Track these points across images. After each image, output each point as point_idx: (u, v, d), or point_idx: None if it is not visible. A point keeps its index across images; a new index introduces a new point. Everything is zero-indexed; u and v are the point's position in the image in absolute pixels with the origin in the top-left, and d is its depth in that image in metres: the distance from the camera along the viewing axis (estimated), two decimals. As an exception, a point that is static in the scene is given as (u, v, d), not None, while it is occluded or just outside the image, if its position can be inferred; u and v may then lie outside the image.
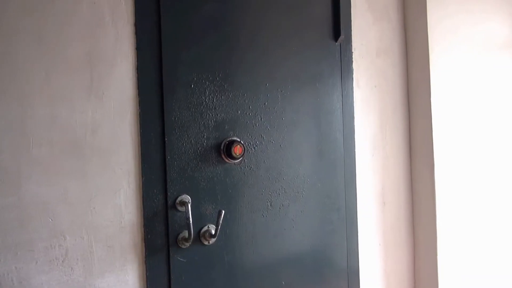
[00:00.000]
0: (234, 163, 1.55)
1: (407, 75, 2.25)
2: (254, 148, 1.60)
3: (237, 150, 1.50)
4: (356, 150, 1.98)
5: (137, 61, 1.34)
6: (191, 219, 1.38)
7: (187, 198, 1.43)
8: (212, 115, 1.50)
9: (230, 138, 1.53)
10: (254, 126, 1.61)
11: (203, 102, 1.48)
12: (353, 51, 1.98)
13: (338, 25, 1.89)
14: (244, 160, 1.57)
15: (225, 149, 1.50)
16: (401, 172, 2.24)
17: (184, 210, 1.41)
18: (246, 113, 1.58)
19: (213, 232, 1.45)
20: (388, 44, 2.18)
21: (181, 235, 1.42)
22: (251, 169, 1.59)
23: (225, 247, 1.53)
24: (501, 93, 2.53)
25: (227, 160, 1.52)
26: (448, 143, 2.23)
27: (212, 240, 1.48)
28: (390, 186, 2.18)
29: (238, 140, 1.54)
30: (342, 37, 1.91)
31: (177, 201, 1.41)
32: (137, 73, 1.34)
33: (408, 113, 2.27)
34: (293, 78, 1.74)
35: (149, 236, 1.37)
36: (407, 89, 2.26)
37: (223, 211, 1.44)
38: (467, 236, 2.33)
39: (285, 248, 1.71)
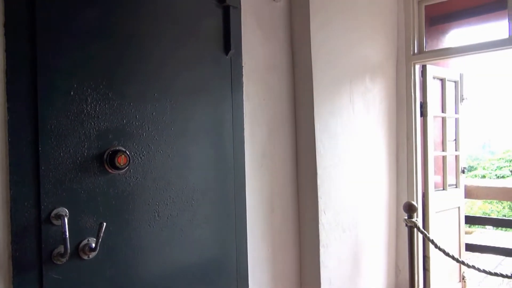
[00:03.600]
0: (119, 174, 1.51)
1: (293, 89, 2.42)
2: (140, 158, 1.58)
3: (121, 160, 1.47)
4: (246, 159, 2.06)
5: (6, 64, 1.24)
6: (67, 233, 1.31)
7: (63, 211, 1.35)
8: (95, 124, 1.45)
9: (114, 148, 1.49)
10: (141, 136, 1.59)
11: (84, 111, 1.42)
12: (243, 65, 2.07)
13: (228, 40, 1.96)
14: (130, 170, 1.54)
15: (108, 159, 1.46)
16: (288, 179, 2.39)
17: (60, 223, 1.33)
18: (132, 123, 1.56)
19: (93, 245, 1.39)
20: (276, 61, 2.32)
21: (56, 251, 1.33)
22: (137, 179, 1.57)
23: (107, 261, 1.47)
24: (373, 109, 2.86)
25: (110, 171, 1.47)
26: (329, 152, 2.44)
27: (93, 254, 1.41)
28: (278, 193, 2.31)
29: (123, 149, 1.50)
30: (232, 51, 1.99)
31: (53, 214, 1.33)
32: (6, 77, 1.24)
33: (295, 124, 2.43)
34: (183, 89, 1.76)
35: (17, 254, 1.26)
36: (294, 102, 2.43)
37: (105, 224, 1.39)
38: (346, 238, 2.57)
39: (174, 258, 1.71)
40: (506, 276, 2.42)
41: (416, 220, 2.74)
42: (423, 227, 3.14)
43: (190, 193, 1.77)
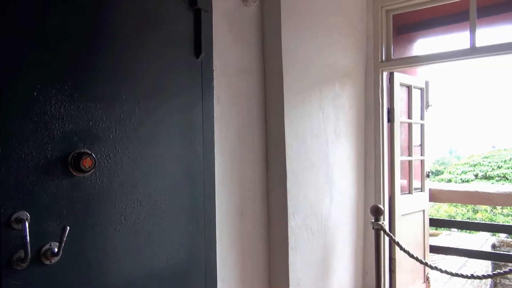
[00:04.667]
0: (84, 176, 1.48)
1: (264, 93, 2.45)
2: (107, 160, 1.56)
3: (86, 162, 1.44)
4: (215, 163, 2.07)
5: (-35, 63, 1.20)
6: (28, 238, 1.27)
7: (24, 214, 1.31)
8: (59, 125, 1.41)
9: (79, 150, 1.46)
10: (108, 138, 1.56)
11: (48, 112, 1.38)
12: (214, 68, 2.07)
13: (199, 43, 1.97)
14: (96, 173, 1.52)
15: (73, 162, 1.43)
16: (258, 183, 2.41)
17: (21, 228, 1.29)
18: (99, 125, 1.53)
19: (55, 250, 1.36)
20: (247, 65, 2.34)
21: (16, 256, 1.29)
22: (103, 182, 1.54)
23: (70, 266, 1.44)
24: (342, 114, 2.92)
25: (75, 173, 1.45)
26: (298, 156, 2.48)
27: (55, 259, 1.38)
28: (248, 196, 2.33)
29: (88, 152, 1.48)
30: (203, 54, 1.99)
31: (13, 218, 1.29)
32: (-36, 76, 1.20)
33: (265, 128, 2.46)
34: (152, 92, 1.74)
35: (-27, 260, 1.21)
36: (265, 106, 2.45)
37: (68, 227, 1.36)
38: (315, 241, 2.61)
39: (141, 263, 1.68)
40: (466, 277, 2.52)
41: (383, 223, 2.81)
42: (390, 229, 3.23)
43: (158, 196, 1.75)
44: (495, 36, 2.98)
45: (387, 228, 2.99)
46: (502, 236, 9.37)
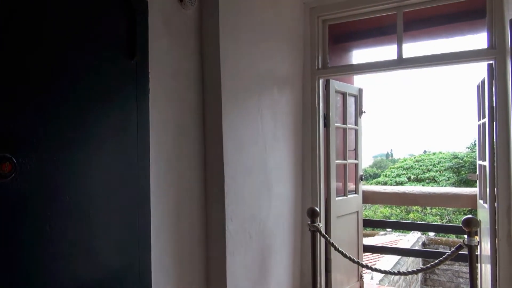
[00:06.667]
0: (4, 182, 1.39)
1: (203, 98, 2.45)
2: (30, 165, 1.47)
3: (5, 167, 1.36)
4: (151, 168, 2.03)
5: None
6: None
7: None
8: (-26, 128, 1.32)
9: (-2, 154, 1.37)
10: (32, 142, 1.48)
11: (-39, 113, 1.29)
12: (150, 71, 2.04)
13: (134, 45, 1.93)
14: (17, 179, 1.43)
15: (-9, 167, 1.34)
16: (196, 187, 2.39)
17: None
18: (22, 128, 1.45)
19: (-32, 262, 1.26)
20: (185, 68, 2.33)
21: None
22: (26, 188, 1.45)
23: (-14, 279, 1.34)
24: (281, 119, 2.99)
25: (-7, 179, 1.35)
26: (237, 160, 2.50)
27: (-32, 272, 1.28)
28: (185, 201, 2.31)
29: (8, 156, 1.39)
30: (137, 57, 1.95)
31: None
32: None
33: (204, 132, 2.45)
34: (83, 93, 1.68)
35: None
36: (203, 111, 2.45)
37: (-17, 237, 1.27)
38: (254, 245, 2.64)
39: (69, 273, 1.61)
40: (394, 273, 2.68)
41: (319, 224, 2.91)
42: (326, 231, 3.35)
43: (87, 202, 1.68)
44: (421, 49, 3.23)
45: (323, 229, 3.10)
46: (431, 234, 10.09)
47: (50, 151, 1.54)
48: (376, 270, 2.74)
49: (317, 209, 2.94)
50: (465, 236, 2.39)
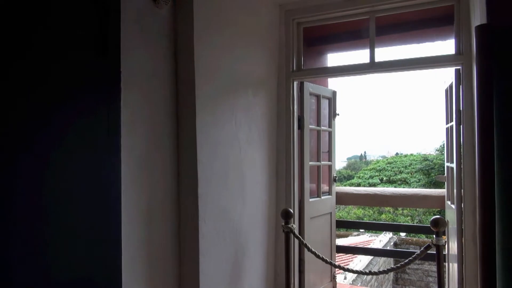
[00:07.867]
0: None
1: (176, 99, 2.42)
2: (-7, 166, 1.42)
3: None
4: (122, 169, 1.98)
5: None
6: None
7: None
8: None
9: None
10: (-5, 142, 1.42)
11: None
12: (121, 70, 2.00)
13: (105, 44, 1.88)
14: (-22, 180, 1.37)
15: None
16: (169, 190, 2.36)
17: None
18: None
19: None
20: (158, 69, 2.29)
21: None
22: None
23: None
24: (255, 121, 3.00)
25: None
26: (210, 162, 2.49)
27: None
28: (158, 204, 2.27)
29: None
30: (109, 56, 1.91)
31: None
32: None
33: (177, 134, 2.43)
34: (49, 92, 1.63)
35: None
36: (176, 112, 2.42)
37: None
38: (227, 246, 2.63)
39: (32, 277, 1.55)
40: (365, 273, 2.73)
41: (293, 226, 2.93)
42: (299, 232, 3.38)
43: (52, 206, 1.63)
44: (393, 54, 3.30)
45: (296, 231, 3.13)
46: (403, 235, 10.33)
47: (8, 151, 1.48)
48: (348, 270, 2.79)
49: (291, 211, 2.96)
50: (434, 236, 2.46)
